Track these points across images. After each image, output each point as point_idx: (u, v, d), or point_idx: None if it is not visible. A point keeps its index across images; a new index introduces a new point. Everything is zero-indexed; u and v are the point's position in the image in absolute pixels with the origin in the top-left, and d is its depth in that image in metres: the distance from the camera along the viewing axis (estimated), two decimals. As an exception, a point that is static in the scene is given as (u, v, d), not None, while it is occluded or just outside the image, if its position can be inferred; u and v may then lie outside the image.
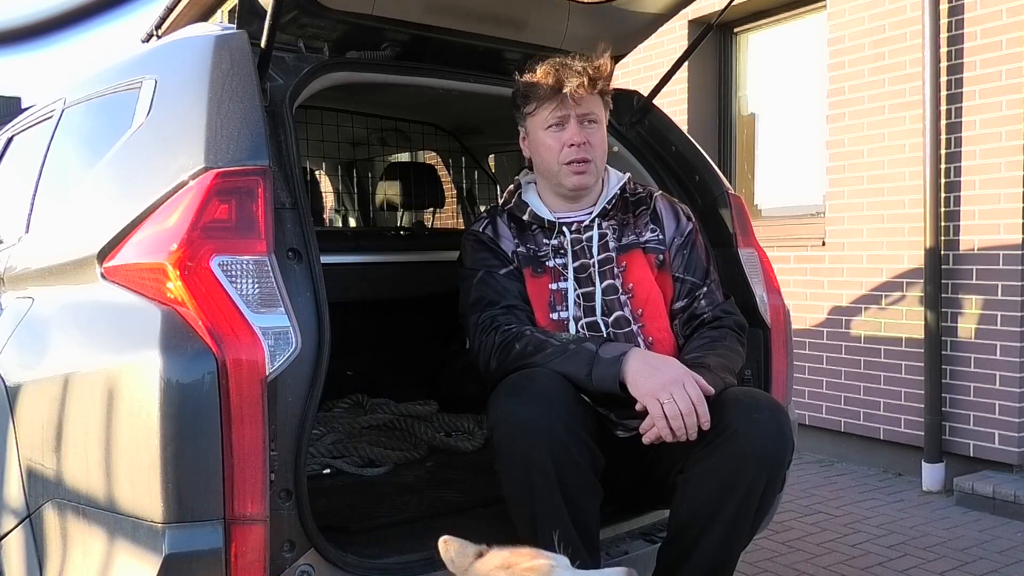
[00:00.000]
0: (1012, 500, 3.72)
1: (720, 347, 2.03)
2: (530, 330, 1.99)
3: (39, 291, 2.17)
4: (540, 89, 2.07)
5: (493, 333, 1.99)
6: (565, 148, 2.07)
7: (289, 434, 1.65)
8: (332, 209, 4.77)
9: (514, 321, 2.01)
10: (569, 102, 2.05)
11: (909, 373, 4.33)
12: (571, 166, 2.07)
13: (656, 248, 2.15)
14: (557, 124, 2.08)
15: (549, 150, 2.09)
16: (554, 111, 2.07)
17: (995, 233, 3.97)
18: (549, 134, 2.09)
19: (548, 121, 2.08)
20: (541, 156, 2.13)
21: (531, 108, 2.11)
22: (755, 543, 2.21)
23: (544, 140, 2.10)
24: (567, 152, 2.07)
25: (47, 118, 2.70)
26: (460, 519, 2.18)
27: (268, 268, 1.65)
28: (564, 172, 2.09)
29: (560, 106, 2.06)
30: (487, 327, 2.01)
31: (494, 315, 2.03)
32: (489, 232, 2.15)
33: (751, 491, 1.83)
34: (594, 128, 2.10)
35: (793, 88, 5.21)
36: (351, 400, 3.21)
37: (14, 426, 1.99)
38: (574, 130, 2.07)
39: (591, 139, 2.08)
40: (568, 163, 2.07)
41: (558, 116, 2.07)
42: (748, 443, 1.80)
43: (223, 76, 1.79)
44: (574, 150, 2.06)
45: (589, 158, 2.08)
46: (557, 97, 2.05)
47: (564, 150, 2.07)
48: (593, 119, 2.10)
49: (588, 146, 2.07)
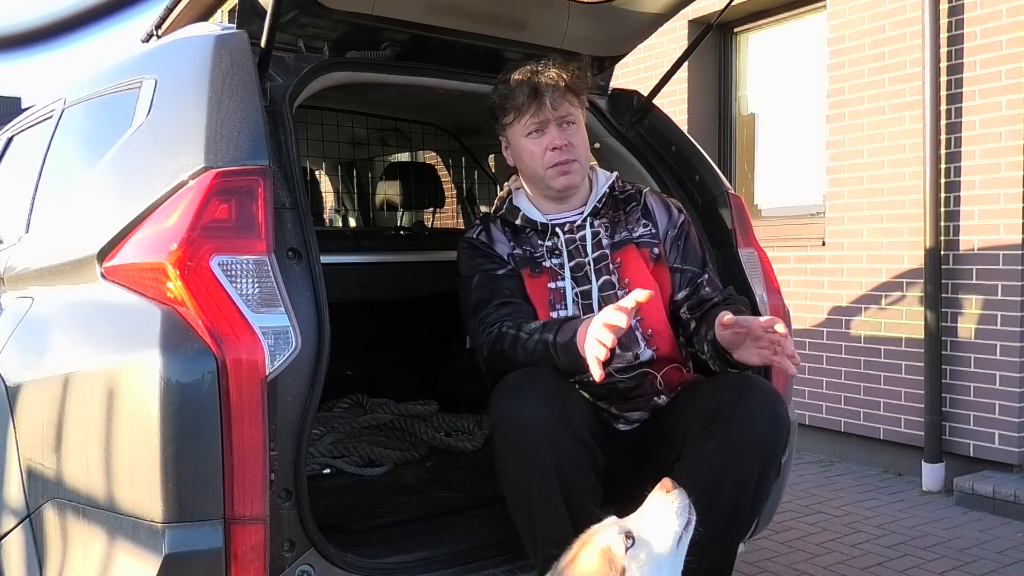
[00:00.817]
0: (1012, 500, 3.72)
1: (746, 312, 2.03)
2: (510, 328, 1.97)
3: (39, 291, 2.17)
4: (516, 98, 2.09)
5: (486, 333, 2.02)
6: (548, 152, 2.09)
7: (289, 434, 1.65)
8: (332, 209, 4.77)
9: (508, 317, 2.02)
10: (546, 108, 2.07)
11: (909, 373, 4.32)
12: (556, 168, 2.10)
13: (650, 242, 2.17)
14: (536, 130, 2.10)
15: (532, 156, 2.12)
16: (532, 117, 2.09)
17: (995, 233, 3.97)
18: (530, 140, 2.12)
19: (528, 128, 2.11)
20: (525, 163, 2.15)
21: (509, 118, 2.13)
22: (755, 543, 2.21)
23: (526, 147, 2.12)
24: (550, 156, 2.09)
25: (47, 118, 2.70)
26: (460, 519, 2.19)
27: (268, 268, 1.65)
28: (550, 175, 2.11)
29: (537, 112, 2.08)
30: (482, 327, 2.04)
31: (487, 313, 2.05)
32: (483, 238, 2.18)
33: (747, 476, 1.83)
34: (573, 129, 2.12)
35: (793, 88, 5.21)
36: (351, 400, 3.21)
37: (14, 426, 1.99)
38: (554, 134, 2.09)
39: (572, 140, 2.11)
40: (553, 166, 2.10)
41: (536, 122, 2.09)
42: (741, 427, 1.82)
43: (223, 76, 1.79)
44: (557, 153, 2.09)
45: (573, 158, 2.10)
46: (534, 104, 2.07)
47: (547, 154, 2.10)
48: (571, 120, 2.12)
49: (570, 147, 2.10)
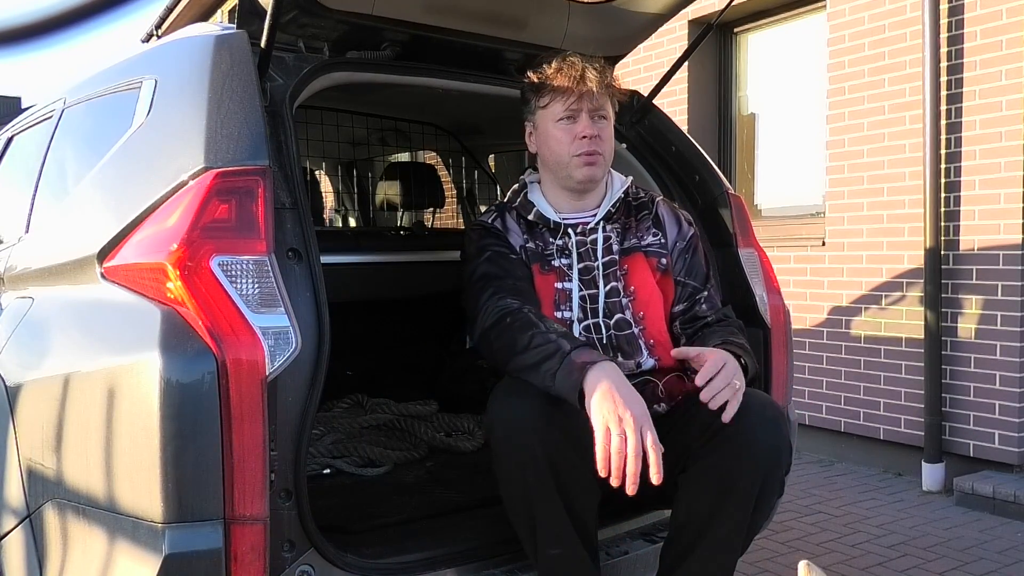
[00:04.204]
0: (1012, 500, 3.72)
1: (739, 339, 2.04)
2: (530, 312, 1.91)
3: (39, 291, 2.17)
4: (557, 82, 2.07)
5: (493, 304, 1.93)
6: (577, 140, 2.08)
7: (289, 434, 1.65)
8: (332, 209, 4.77)
9: (517, 297, 1.96)
10: (589, 96, 2.06)
11: (909, 373, 4.33)
12: (582, 157, 2.08)
13: (658, 252, 2.16)
14: (569, 117, 2.09)
15: (559, 142, 2.10)
16: (569, 105, 2.07)
17: (995, 233, 3.97)
18: (560, 127, 2.09)
19: (560, 114, 2.09)
20: (551, 148, 2.13)
21: (545, 101, 2.11)
22: (755, 543, 2.21)
23: (554, 133, 2.10)
24: (578, 144, 2.08)
25: (47, 118, 2.70)
26: (460, 519, 2.18)
27: (268, 268, 1.65)
28: (574, 164, 2.09)
29: (577, 100, 2.07)
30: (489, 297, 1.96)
31: (505, 286, 1.98)
32: (498, 224, 2.15)
33: (747, 492, 1.83)
34: (604, 124, 2.12)
35: (793, 88, 5.21)
36: (351, 400, 3.21)
37: (14, 426, 1.99)
38: (586, 123, 2.07)
39: (602, 133, 2.10)
40: (579, 155, 2.08)
41: (572, 109, 2.08)
42: (743, 443, 1.80)
43: (223, 76, 1.79)
44: (586, 142, 2.07)
45: (600, 151, 2.09)
46: (574, 91, 2.06)
47: (576, 142, 2.08)
48: (604, 115, 2.11)
49: (599, 140, 2.09)
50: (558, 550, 1.82)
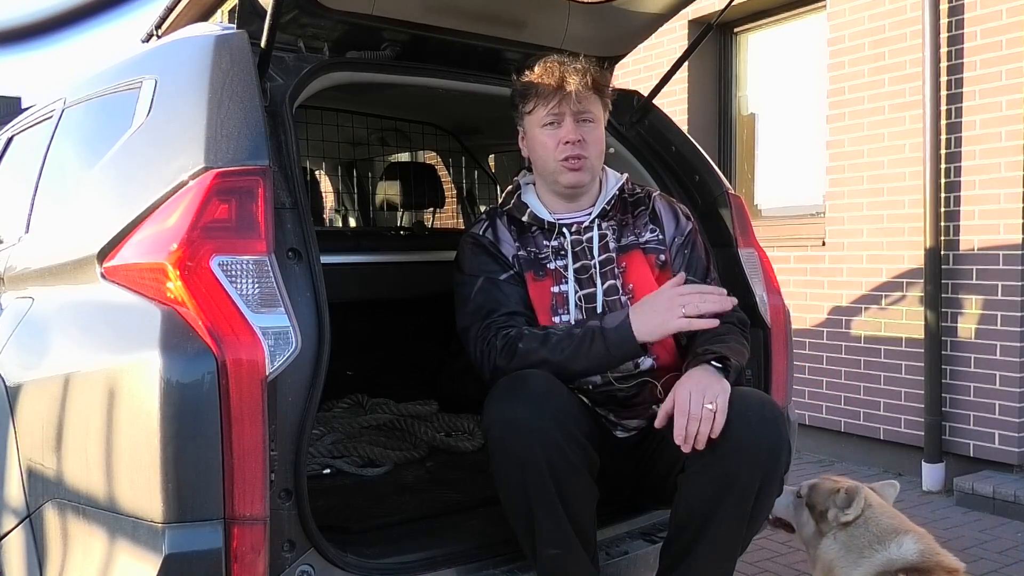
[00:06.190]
0: (1012, 500, 3.72)
1: (730, 340, 2.03)
2: (529, 329, 1.99)
3: (39, 291, 2.17)
4: (539, 87, 2.06)
5: (495, 338, 1.98)
6: (560, 145, 2.06)
7: (289, 434, 1.65)
8: (332, 209, 4.77)
9: (515, 326, 2.01)
10: (568, 100, 2.04)
11: (909, 373, 4.33)
12: (566, 163, 2.06)
13: (656, 248, 2.15)
14: (553, 122, 2.07)
15: (545, 148, 2.09)
16: (551, 109, 2.06)
17: (995, 233, 3.97)
18: (545, 132, 2.08)
19: (544, 119, 2.07)
20: (537, 154, 2.12)
21: (529, 107, 2.10)
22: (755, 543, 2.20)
23: (540, 138, 2.09)
24: (562, 149, 2.06)
25: (47, 118, 2.70)
26: (460, 519, 2.19)
27: (268, 268, 1.65)
28: (559, 169, 2.08)
29: (558, 104, 2.05)
30: (489, 334, 2.00)
31: (494, 321, 2.02)
32: (489, 236, 2.13)
33: (746, 491, 1.82)
34: (590, 127, 2.09)
35: (793, 88, 5.21)
36: (351, 400, 3.21)
37: (14, 426, 1.99)
38: (569, 127, 2.05)
39: (587, 137, 2.07)
40: (563, 160, 2.06)
41: (554, 114, 2.06)
42: (742, 442, 1.80)
43: (223, 76, 1.79)
44: (569, 147, 2.05)
45: (584, 155, 2.07)
46: (556, 95, 2.04)
47: (559, 147, 2.06)
48: (590, 118, 2.09)
49: (583, 143, 2.06)
50: (556, 551, 1.82)
